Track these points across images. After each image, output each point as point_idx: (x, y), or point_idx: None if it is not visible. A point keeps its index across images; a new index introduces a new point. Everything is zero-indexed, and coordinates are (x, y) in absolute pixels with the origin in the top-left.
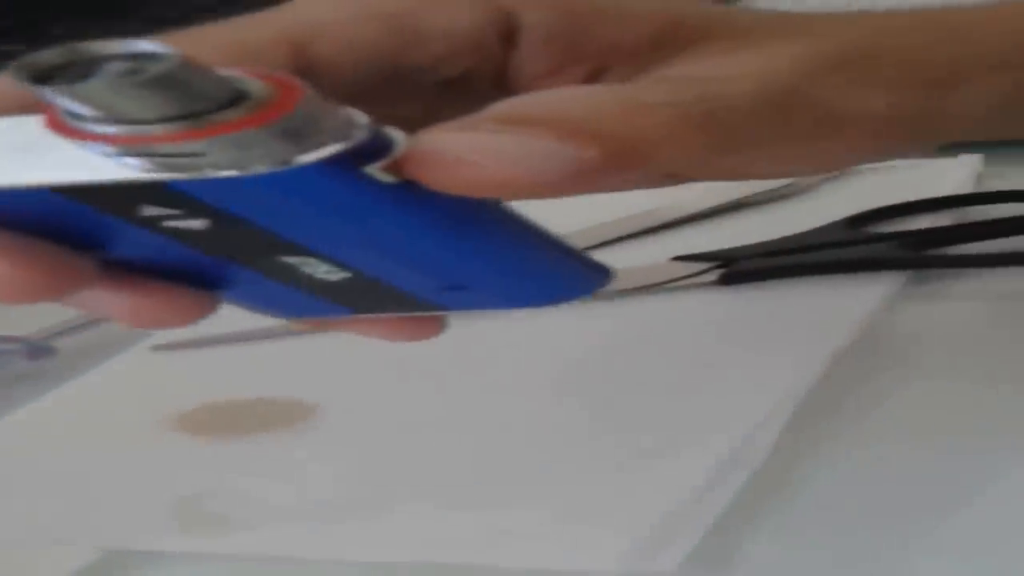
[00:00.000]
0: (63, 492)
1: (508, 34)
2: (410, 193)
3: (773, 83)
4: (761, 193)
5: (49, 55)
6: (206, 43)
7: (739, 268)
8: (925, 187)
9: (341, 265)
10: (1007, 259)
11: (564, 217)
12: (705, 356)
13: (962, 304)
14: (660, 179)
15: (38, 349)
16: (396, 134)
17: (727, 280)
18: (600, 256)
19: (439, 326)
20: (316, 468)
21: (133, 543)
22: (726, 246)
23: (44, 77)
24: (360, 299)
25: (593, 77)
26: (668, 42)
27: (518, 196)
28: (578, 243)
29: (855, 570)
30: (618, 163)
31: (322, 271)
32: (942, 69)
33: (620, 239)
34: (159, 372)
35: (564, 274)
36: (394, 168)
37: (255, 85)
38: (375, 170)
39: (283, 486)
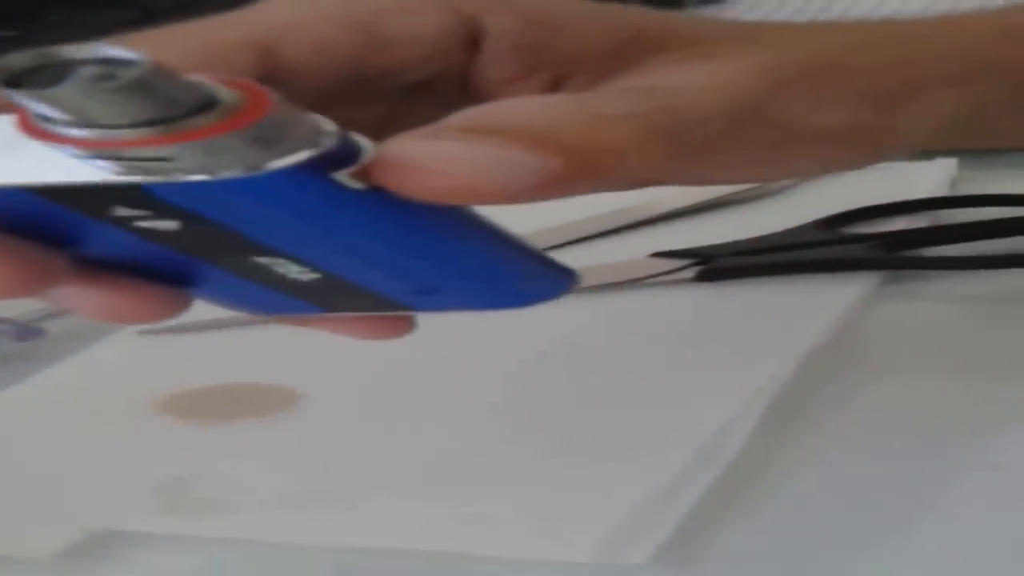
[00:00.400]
0: (48, 472)
1: (473, 40)
2: (378, 199)
3: (734, 96)
4: (739, 192)
5: (20, 59)
6: (174, 44)
7: (716, 266)
8: (901, 190)
9: (312, 267)
10: (980, 262)
11: (544, 212)
12: (681, 351)
13: (935, 305)
14: (625, 186)
15: (27, 330)
16: (363, 141)
17: (704, 277)
18: (580, 251)
19: (409, 326)
20: (296, 454)
21: (116, 524)
22: (704, 244)
23: (15, 80)
24: (332, 299)
25: (555, 84)
26: (629, 51)
27: (483, 203)
28: (559, 238)
29: (828, 564)
30: (582, 173)
31: (294, 271)
32: (896, 85)
33: (599, 235)
34: (146, 356)
35: (532, 277)
36: (362, 175)
37: (224, 92)
38: (343, 176)
39: (264, 471)
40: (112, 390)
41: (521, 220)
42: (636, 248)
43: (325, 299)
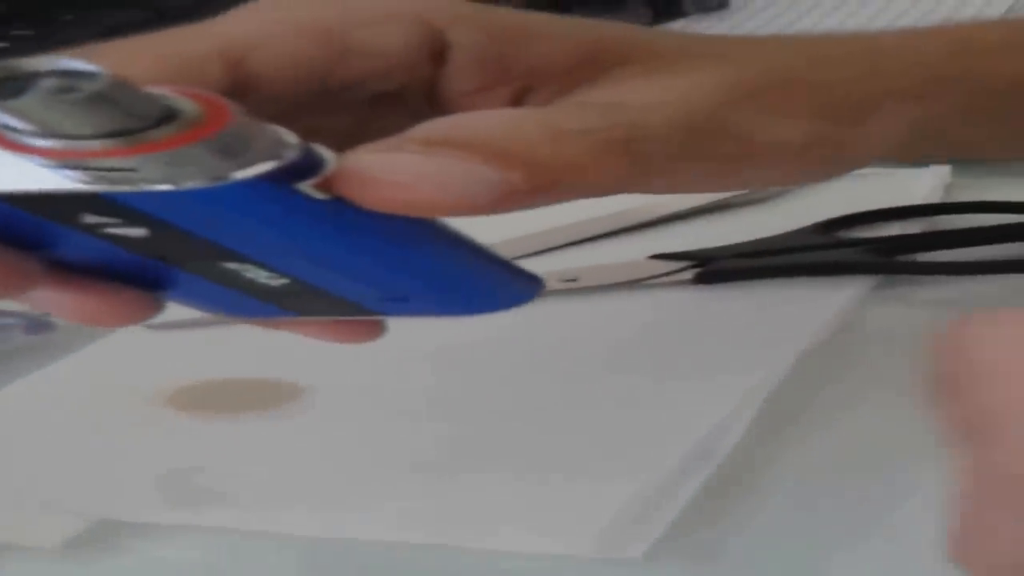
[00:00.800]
0: (55, 463)
1: (438, 52)
2: (341, 209)
3: (691, 110)
4: (738, 196)
5: None
6: (143, 55)
7: (714, 268)
8: (895, 196)
9: (282, 274)
10: (973, 267)
11: (542, 214)
12: (678, 351)
13: (927, 310)
14: (585, 197)
15: (37, 324)
16: (326, 153)
17: (702, 279)
18: (581, 253)
19: (379, 330)
20: (300, 447)
21: (121, 514)
22: (702, 246)
23: None
24: (302, 303)
25: (520, 95)
26: (592, 64)
27: (443, 215)
28: (560, 240)
29: (821, 559)
30: (542, 187)
31: (263, 277)
32: (854, 100)
33: (600, 237)
34: (153, 350)
35: (498, 284)
36: (324, 186)
37: (185, 104)
38: (306, 187)
39: (267, 464)
40: (119, 383)
41: (520, 222)
42: (636, 250)
43: (296, 304)
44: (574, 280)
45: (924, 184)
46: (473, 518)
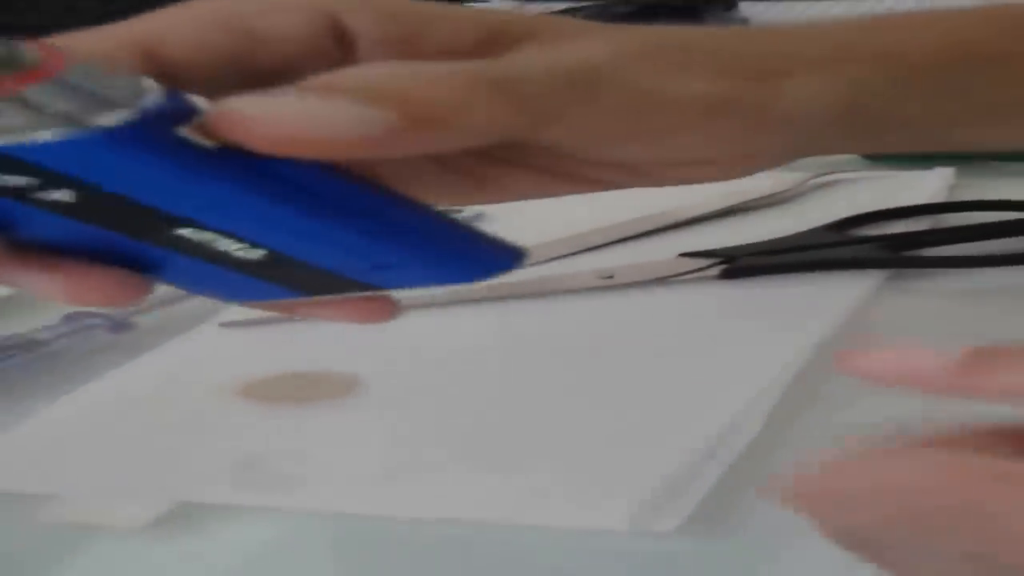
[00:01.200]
0: (139, 450)
1: (341, 38)
2: (240, 158)
3: (568, 62)
4: (760, 199)
5: None
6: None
7: (738, 265)
8: (903, 195)
9: (243, 240)
10: (977, 261)
11: (581, 217)
12: (706, 341)
13: (935, 300)
14: (477, 139)
15: (119, 324)
16: (199, 100)
17: (728, 275)
18: (616, 252)
19: (392, 308)
20: (362, 433)
21: (201, 496)
22: (728, 245)
23: None
24: (296, 280)
25: None
26: (495, 43)
27: (325, 155)
28: (597, 240)
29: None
30: (417, 126)
31: (234, 248)
32: (759, 62)
33: (633, 237)
34: (227, 346)
35: (477, 252)
36: (204, 131)
37: (23, 47)
38: (187, 132)
39: (333, 449)
40: (195, 377)
41: (563, 224)
42: (667, 249)
43: (289, 280)
44: (611, 277)
45: (930, 184)
46: (516, 496)
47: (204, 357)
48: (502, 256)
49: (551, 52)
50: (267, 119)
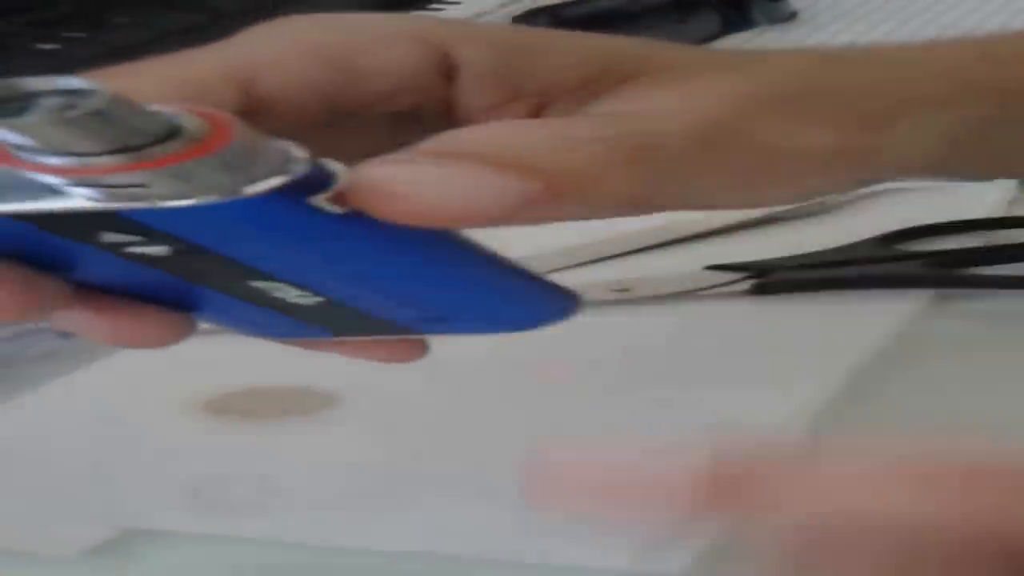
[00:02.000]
0: (83, 469)
1: (447, 71)
2: (360, 224)
3: (707, 119)
4: (795, 208)
5: None
6: (155, 77)
7: (771, 279)
8: (958, 209)
9: (312, 292)
10: None
11: (593, 224)
12: (733, 362)
13: (985, 323)
14: (608, 212)
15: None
16: (336, 166)
17: (759, 291)
18: (636, 262)
19: (422, 349)
20: (335, 456)
21: (149, 523)
22: (759, 258)
23: None
24: (338, 323)
25: (535, 111)
26: (602, 78)
27: (455, 225)
28: (615, 249)
29: None
30: (552, 196)
31: (293, 296)
32: (878, 107)
33: (655, 247)
34: (188, 356)
35: (534, 301)
36: (339, 200)
37: (188, 119)
38: (321, 201)
39: (299, 473)
40: (153, 388)
41: (572, 232)
42: (690, 261)
43: (331, 323)
44: (626, 290)
45: (988, 198)
46: (511, 530)
47: (163, 367)
48: (556, 305)
49: (677, 102)
50: (409, 193)
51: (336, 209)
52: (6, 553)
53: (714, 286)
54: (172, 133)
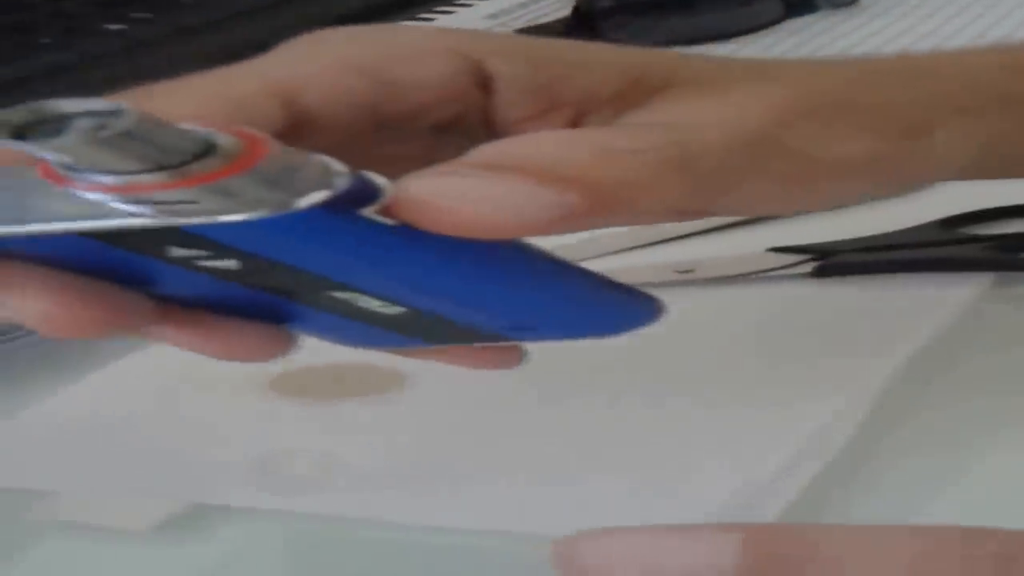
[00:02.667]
0: (153, 445)
1: (484, 83)
2: (413, 234)
3: (748, 128)
4: None
5: (17, 113)
6: (195, 95)
7: (834, 262)
8: (1020, 193)
9: (391, 301)
10: None
11: None
12: (793, 345)
13: None
14: (652, 219)
15: None
16: (380, 179)
17: (821, 273)
18: (699, 244)
19: (519, 357)
20: (400, 435)
21: (216, 497)
22: (822, 240)
23: (18, 135)
24: (428, 331)
25: (575, 121)
26: (638, 88)
27: (502, 236)
28: (680, 231)
29: None
30: (598, 207)
31: (376, 306)
32: (916, 115)
33: (719, 228)
34: None
35: (614, 308)
36: (387, 212)
37: (221, 137)
38: (371, 213)
39: (364, 450)
40: (220, 368)
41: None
42: (753, 242)
43: (421, 331)
44: (690, 271)
45: None
46: (573, 509)
47: None
48: (638, 310)
49: (716, 111)
50: (451, 206)
51: (387, 221)
52: (78, 527)
53: (776, 268)
54: (207, 150)
